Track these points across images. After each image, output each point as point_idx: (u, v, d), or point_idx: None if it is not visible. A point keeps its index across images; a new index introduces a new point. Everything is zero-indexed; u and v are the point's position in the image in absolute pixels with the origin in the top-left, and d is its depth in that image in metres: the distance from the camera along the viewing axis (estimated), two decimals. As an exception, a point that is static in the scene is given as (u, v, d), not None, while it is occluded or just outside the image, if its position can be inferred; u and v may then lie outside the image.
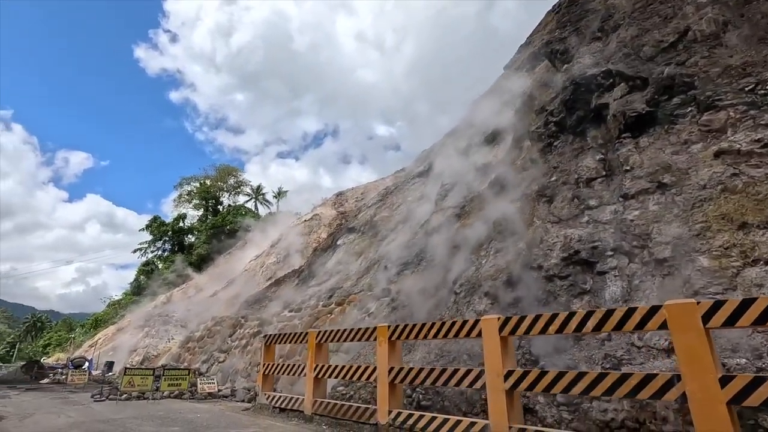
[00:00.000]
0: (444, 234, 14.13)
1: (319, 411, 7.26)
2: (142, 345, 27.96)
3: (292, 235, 38.01)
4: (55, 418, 7.62)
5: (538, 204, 9.39)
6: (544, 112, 12.30)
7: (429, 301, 10.63)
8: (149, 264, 53.13)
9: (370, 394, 8.52)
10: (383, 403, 6.13)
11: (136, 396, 10.55)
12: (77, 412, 8.32)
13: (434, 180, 21.54)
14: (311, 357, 7.83)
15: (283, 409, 8.20)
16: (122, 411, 8.51)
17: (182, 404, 9.91)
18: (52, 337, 53.24)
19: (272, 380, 9.26)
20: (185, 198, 62.78)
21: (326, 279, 22.26)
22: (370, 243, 22.51)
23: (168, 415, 8.00)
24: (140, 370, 10.67)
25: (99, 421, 7.18)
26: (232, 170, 68.12)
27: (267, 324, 18.20)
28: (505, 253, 8.76)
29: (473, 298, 8.55)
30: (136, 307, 42.21)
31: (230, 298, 30.78)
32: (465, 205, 14.60)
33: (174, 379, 10.56)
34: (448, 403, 6.67)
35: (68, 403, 9.88)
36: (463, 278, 9.34)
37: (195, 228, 58.31)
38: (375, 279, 16.82)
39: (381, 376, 6.30)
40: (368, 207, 26.05)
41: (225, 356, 18.74)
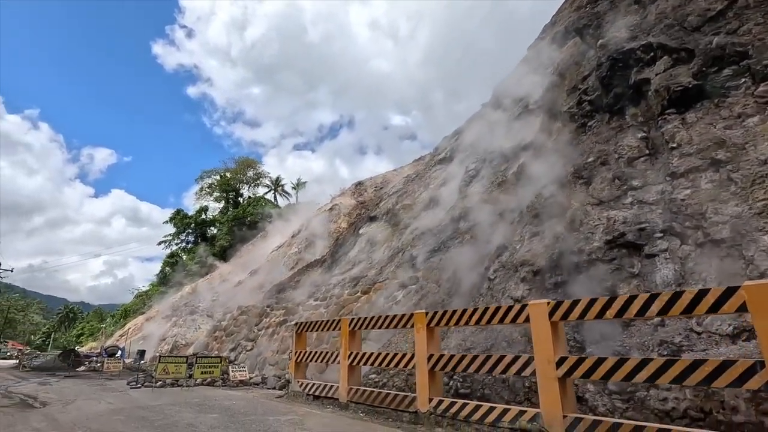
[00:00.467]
0: (471, 220, 13.84)
1: (355, 399, 7.17)
2: (170, 334, 28.63)
3: (312, 225, 38.14)
4: (96, 404, 7.75)
5: (575, 186, 9.00)
6: (577, 91, 11.79)
7: (460, 287, 10.41)
8: (174, 256, 54.29)
9: (404, 381, 8.40)
10: (423, 391, 5.98)
11: (170, 383, 10.71)
12: (116, 399, 8.46)
13: (457, 166, 21.15)
14: (345, 344, 7.73)
15: (317, 396, 8.16)
16: (159, 398, 8.62)
17: (216, 391, 10.01)
18: (84, 327, 55.22)
19: (304, 368, 9.24)
20: (206, 191, 63.70)
21: (349, 268, 22.25)
22: (392, 231, 22.34)
23: (204, 402, 8.05)
24: (174, 358, 10.83)
25: (138, 408, 7.26)
26: (251, 162, 68.70)
27: (292, 313, 18.30)
28: (541, 238, 8.44)
29: (509, 284, 8.28)
30: (163, 298, 43.28)
31: (254, 288, 31.18)
32: (492, 190, 14.24)
33: (206, 366, 10.68)
34: (488, 391, 6.47)
35: (106, 390, 10.09)
36: (497, 264, 9.07)
37: (217, 220, 59.20)
38: (400, 267, 16.65)
39: (420, 364, 6.14)
40: (389, 195, 25.84)
41: (252, 344, 18.97)
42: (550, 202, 9.02)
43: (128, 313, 49.14)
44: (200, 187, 63.70)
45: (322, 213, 39.83)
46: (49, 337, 66.47)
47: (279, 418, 6.19)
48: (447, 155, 24.25)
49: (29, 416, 6.47)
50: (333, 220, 38.40)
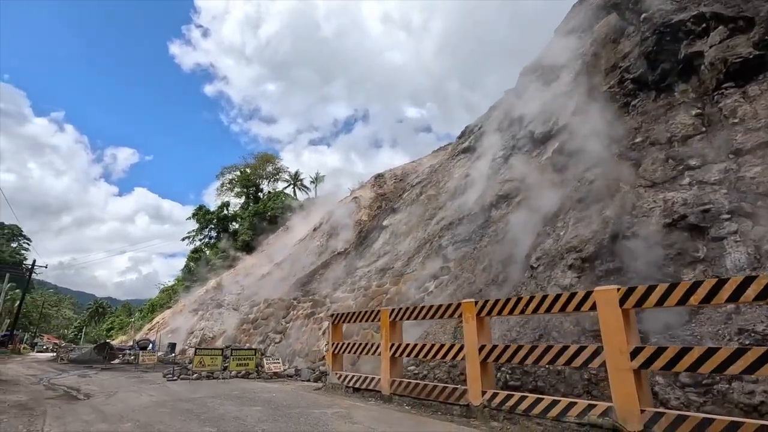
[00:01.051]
0: (504, 208, 13.43)
1: (399, 391, 6.95)
2: (198, 328, 29.08)
3: (333, 218, 38.14)
4: (137, 396, 7.75)
5: (622, 168, 8.52)
6: (617, 70, 11.22)
7: (498, 277, 10.07)
8: (198, 251, 55.24)
9: (446, 373, 8.16)
10: (475, 383, 5.71)
11: (205, 375, 10.73)
12: (156, 391, 8.46)
13: (484, 155, 20.66)
14: (386, 335, 7.51)
15: (356, 388, 7.99)
16: (197, 390, 8.59)
17: (252, 384, 9.97)
18: (113, 321, 56.84)
19: (341, 359, 9.08)
20: (227, 186, 64.45)
21: (375, 259, 22.07)
22: (417, 222, 22.03)
23: (244, 394, 7.97)
24: (210, 350, 10.85)
25: (179, 400, 7.21)
26: (270, 158, 69.15)
27: (320, 305, 18.26)
28: (588, 223, 8.02)
29: (554, 272, 7.90)
30: (188, 292, 44.07)
31: (278, 281, 31.36)
32: (525, 177, 13.77)
33: (242, 359, 10.66)
34: (541, 383, 6.17)
35: (144, 382, 10.16)
36: (539, 251, 8.69)
37: (238, 215, 59.91)
38: (428, 257, 16.38)
39: (470, 355, 5.87)
40: (413, 186, 25.49)
41: (281, 337, 19.03)
42: (595, 186, 8.57)
43: (155, 308, 50.30)
44: (221, 183, 64.50)
45: (342, 206, 39.77)
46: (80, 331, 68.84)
47: (325, 411, 6.02)
48: (471, 144, 23.73)
49: (76, 408, 6.47)
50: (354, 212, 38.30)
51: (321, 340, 16.10)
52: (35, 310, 54.30)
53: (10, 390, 8.39)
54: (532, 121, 16.20)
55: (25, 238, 71.52)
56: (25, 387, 9.18)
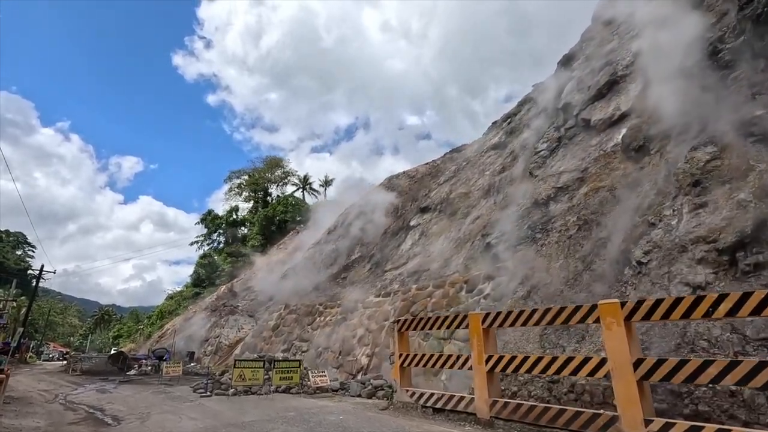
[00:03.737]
0: (566, 201, 12.10)
1: (504, 415, 5.61)
2: (213, 335, 27.75)
3: (348, 220, 36.91)
4: (177, 420, 6.44)
5: (745, 145, 7.21)
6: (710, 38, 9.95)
7: (582, 276, 8.73)
8: (206, 256, 53.97)
9: (546, 390, 6.80)
10: (632, 408, 4.36)
11: (243, 390, 9.41)
12: (195, 412, 7.15)
13: (520, 149, 19.38)
14: (478, 345, 6.18)
15: (438, 409, 6.64)
16: (244, 410, 7.27)
17: (300, 401, 8.62)
18: (121, 329, 55.54)
19: (410, 373, 7.74)
20: (235, 191, 63.34)
21: (404, 262, 20.75)
22: (449, 222, 20.70)
23: (303, 416, 6.64)
24: (251, 362, 9.51)
25: (232, 426, 5.89)
26: (278, 161, 68.05)
27: (351, 310, 16.90)
28: (716, 208, 6.70)
29: (676, 268, 6.57)
30: (198, 299, 42.77)
31: (295, 286, 30.06)
32: (588, 167, 12.46)
33: (285, 371, 9.32)
34: (704, 407, 4.81)
35: (175, 399, 8.85)
36: (647, 244, 7.35)
37: (247, 220, 58.75)
38: (472, 258, 15.05)
39: (621, 371, 4.53)
40: (440, 185, 24.20)
41: (308, 345, 17.67)
42: (714, 166, 7.24)
43: (164, 315, 48.97)
44: (229, 187, 63.40)
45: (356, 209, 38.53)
46: (86, 338, 67.51)
47: (430, 444, 4.67)
48: (501, 140, 22.51)
49: (109, 439, 5.15)
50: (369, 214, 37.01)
51: (356, 348, 14.76)
52: (41, 317, 53.10)
53: (23, 412, 7.09)
54: (583, 109, 14.91)
55: (29, 245, 70.62)
56: (41, 406, 7.89)
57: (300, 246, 40.95)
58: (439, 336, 11.71)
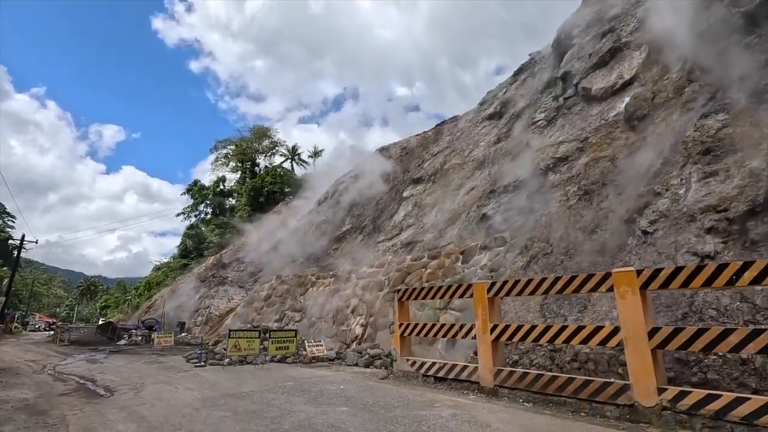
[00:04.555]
0: (566, 172, 11.92)
1: (510, 383, 5.55)
2: (203, 306, 27.62)
3: (338, 193, 36.48)
4: (173, 390, 6.27)
5: (758, 112, 7.01)
6: (718, 6, 9.57)
7: (582, 246, 8.63)
8: (193, 227, 53.19)
9: (548, 359, 6.78)
10: (646, 378, 4.29)
11: (238, 360, 9.28)
12: (192, 382, 6.99)
13: (516, 119, 19.01)
14: (483, 314, 6.06)
15: (440, 378, 6.59)
16: (241, 380, 7.13)
17: (298, 370, 8.53)
18: (108, 300, 55.13)
19: (410, 343, 7.65)
20: (222, 161, 61.86)
21: (397, 233, 20.61)
22: (443, 193, 20.48)
23: (302, 386, 6.53)
24: (246, 332, 9.35)
25: (231, 396, 5.74)
26: (266, 131, 66.31)
27: (344, 281, 16.81)
28: (726, 177, 6.55)
29: (684, 237, 6.46)
30: (186, 270, 42.39)
31: (285, 257, 29.84)
32: (588, 137, 12.23)
33: (281, 341, 9.19)
34: (714, 375, 4.78)
35: (169, 369, 8.68)
36: (653, 214, 7.23)
37: (235, 191, 57.76)
38: (468, 229, 14.93)
39: (634, 340, 4.43)
40: (434, 155, 23.82)
41: (301, 315, 17.63)
42: (726, 134, 7.05)
43: (151, 286, 48.59)
44: (215, 157, 61.85)
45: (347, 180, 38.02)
46: (73, 309, 67.00)
47: (438, 413, 4.59)
48: (497, 110, 22.05)
49: (103, 410, 4.95)
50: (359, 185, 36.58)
51: (350, 318, 14.75)
52: (25, 288, 52.25)
53: (10, 383, 6.84)
54: (584, 77, 14.52)
55: (9, 215, 68.60)
56: (29, 377, 7.64)
57: (290, 217, 40.51)
58: (435, 306, 11.69)
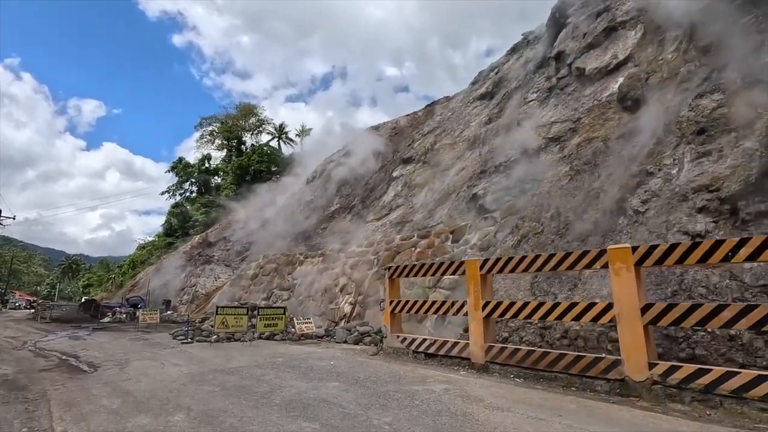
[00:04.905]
0: (557, 152, 11.87)
1: (501, 359, 5.56)
2: (189, 284, 27.34)
3: (326, 173, 36.10)
4: (160, 366, 6.14)
5: (749, 92, 6.98)
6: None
7: (573, 226, 8.64)
8: (179, 206, 52.25)
9: (538, 336, 6.83)
10: (638, 353, 4.32)
11: (225, 337, 9.18)
12: (179, 358, 6.87)
13: (509, 99, 18.86)
14: (475, 291, 6.03)
15: (430, 354, 6.59)
16: (230, 356, 7.04)
17: (287, 347, 8.48)
18: (91, 278, 54.27)
19: (400, 320, 7.64)
20: (207, 138, 60.47)
21: (386, 213, 20.52)
22: (433, 173, 20.37)
23: (292, 362, 6.47)
24: (233, 309, 9.21)
25: (219, 372, 5.64)
26: (252, 109, 64.74)
27: (333, 260, 16.72)
28: (720, 157, 6.55)
29: (675, 216, 6.48)
30: (171, 249, 41.82)
31: (272, 236, 29.60)
32: (580, 117, 12.16)
33: (270, 318, 9.10)
34: (702, 350, 4.85)
35: (155, 346, 8.55)
36: (645, 193, 7.23)
37: (221, 169, 56.70)
38: (458, 209, 14.89)
39: (627, 317, 4.43)
40: (424, 135, 23.57)
41: (288, 294, 17.56)
42: (721, 114, 7.03)
43: (136, 264, 47.89)
44: (200, 134, 60.37)
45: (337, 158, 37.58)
46: (54, 287, 65.81)
47: (430, 388, 4.57)
48: (489, 90, 21.81)
49: (86, 385, 4.81)
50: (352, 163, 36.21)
51: (339, 297, 14.72)
52: (3, 266, 51.03)
53: (-11, 359, 6.62)
54: (578, 57, 14.35)
55: (-15, 190, 66.32)
56: (8, 353, 7.43)
57: (278, 196, 40.04)
58: (425, 285, 11.70)
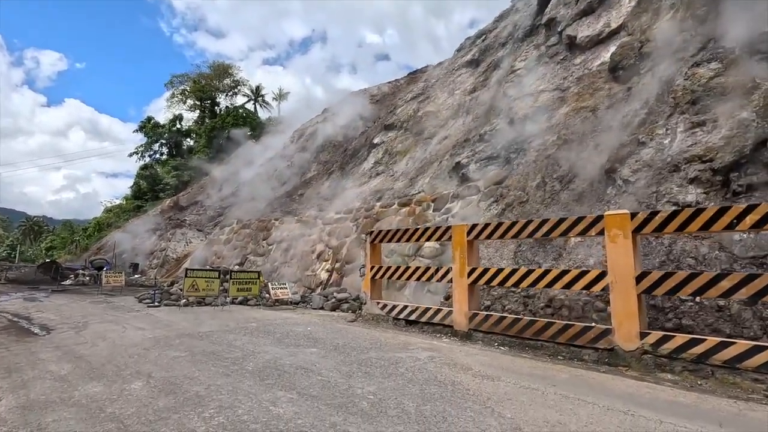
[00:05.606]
0: (544, 121, 11.59)
1: (485, 327, 5.39)
2: (158, 248, 26.39)
3: (304, 138, 35.03)
4: (121, 330, 5.70)
5: (747, 62, 6.79)
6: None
7: (559, 196, 8.47)
8: (148, 168, 49.97)
9: (521, 305, 6.71)
10: (630, 322, 4.17)
11: (195, 302, 8.74)
12: (143, 322, 6.42)
13: (495, 67, 18.37)
14: (461, 258, 5.78)
15: (411, 321, 6.38)
16: (200, 321, 6.64)
17: (261, 312, 8.12)
18: (54, 240, 51.95)
19: (380, 286, 7.37)
20: (179, 98, 57.43)
21: (366, 180, 20.09)
22: (415, 141, 19.93)
23: (266, 327, 6.13)
24: (204, 272, 8.71)
25: (187, 336, 5.26)
26: (227, 68, 61.56)
27: (310, 226, 16.26)
28: (714, 127, 6.38)
29: (666, 187, 6.34)
30: (140, 212, 40.27)
31: (248, 201, 28.80)
32: (569, 86, 11.86)
33: (243, 283, 8.68)
34: (688, 321, 4.77)
35: (118, 310, 8.03)
36: (635, 163, 7.05)
37: (193, 131, 54.23)
38: (439, 177, 14.59)
39: (622, 285, 4.26)
40: (407, 102, 22.89)
41: (263, 260, 17.08)
42: (718, 83, 6.82)
43: (102, 227, 45.97)
44: (171, 93, 57.25)
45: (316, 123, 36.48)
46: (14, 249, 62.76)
47: (415, 356, 4.33)
48: (475, 57, 21.19)
49: (34, 348, 4.34)
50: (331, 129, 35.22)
51: (316, 264, 14.37)
52: (-44, 225, 48.02)
53: (-74, 319, 6.00)
54: (569, 24, 13.90)
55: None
56: (-49, 315, 6.79)
57: (254, 160, 38.79)
58: (404, 253, 11.47)
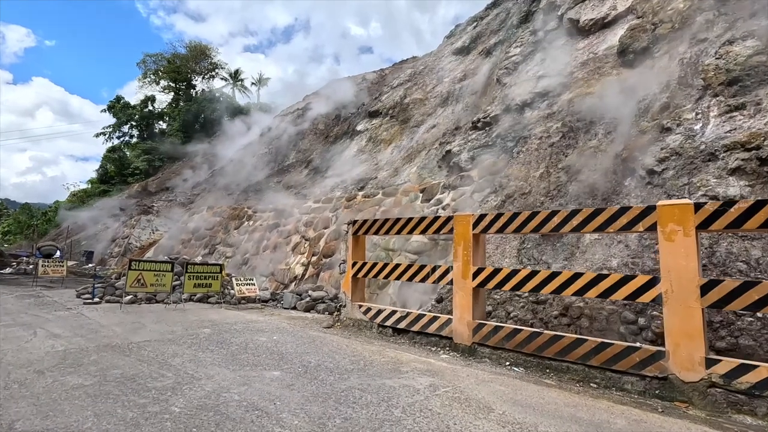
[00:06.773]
0: (545, 108, 10.64)
1: (492, 342, 4.35)
2: (121, 235, 24.51)
3: (283, 125, 33.51)
4: (29, 337, 4.41)
5: (794, 41, 5.93)
6: None
7: (566, 187, 7.51)
8: (116, 150, 47.16)
9: (530, 312, 5.70)
10: (690, 344, 3.19)
11: (146, 299, 7.42)
12: (66, 326, 5.12)
13: (488, 53, 17.46)
14: (465, 255, 4.71)
15: (401, 330, 5.30)
16: (139, 325, 5.37)
17: (221, 313, 6.87)
18: (11, 224, 48.60)
19: (363, 286, 6.25)
20: (152, 78, 54.40)
21: (348, 169, 18.89)
22: (401, 129, 18.84)
23: (221, 335, 4.92)
24: (154, 263, 7.28)
25: (110, 349, 4.02)
26: (204, 49, 58.68)
27: (286, 216, 14.97)
28: (756, 111, 5.49)
29: (700, 178, 5.43)
30: (106, 196, 37.91)
31: (221, 188, 27.19)
32: (573, 72, 10.95)
33: (201, 278, 7.36)
34: (746, 341, 3.85)
35: (45, 306, 6.65)
36: (662, 151, 6.12)
37: (166, 114, 51.50)
38: (427, 168, 13.57)
39: (680, 294, 3.27)
40: (393, 88, 21.74)
41: (233, 250, 15.71)
42: (759, 62, 5.94)
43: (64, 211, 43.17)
44: (144, 72, 54.16)
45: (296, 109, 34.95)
46: (-33, 233, 58.67)
47: (413, 384, 3.24)
48: (465, 44, 20.22)
49: None
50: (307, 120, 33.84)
51: (290, 257, 13.13)
52: None
53: None
54: (571, 8, 13.00)
55: None
56: None
57: (229, 146, 36.99)
58: (388, 247, 10.39)
